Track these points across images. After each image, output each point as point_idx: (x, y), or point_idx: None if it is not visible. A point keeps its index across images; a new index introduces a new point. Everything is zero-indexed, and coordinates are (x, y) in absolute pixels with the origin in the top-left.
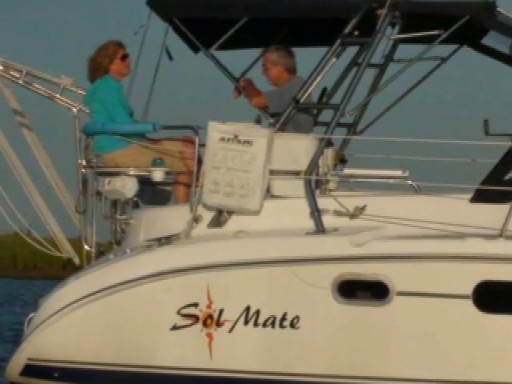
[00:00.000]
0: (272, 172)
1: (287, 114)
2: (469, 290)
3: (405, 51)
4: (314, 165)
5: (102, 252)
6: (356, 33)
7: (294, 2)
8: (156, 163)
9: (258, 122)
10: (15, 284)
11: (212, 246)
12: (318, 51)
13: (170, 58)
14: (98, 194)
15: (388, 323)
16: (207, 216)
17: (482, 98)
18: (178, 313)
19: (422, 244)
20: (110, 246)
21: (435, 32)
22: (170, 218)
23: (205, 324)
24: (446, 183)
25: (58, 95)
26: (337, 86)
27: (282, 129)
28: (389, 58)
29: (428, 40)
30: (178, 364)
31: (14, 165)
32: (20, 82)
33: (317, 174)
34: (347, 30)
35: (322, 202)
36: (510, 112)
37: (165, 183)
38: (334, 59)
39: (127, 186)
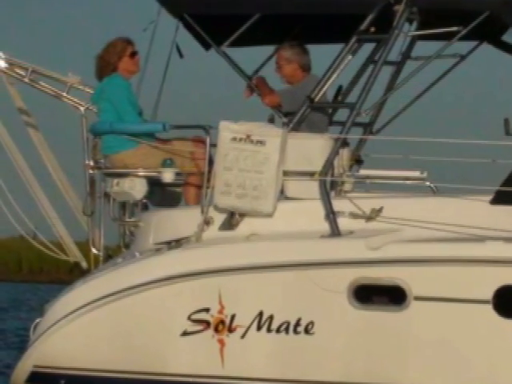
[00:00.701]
0: (286, 173)
1: (301, 113)
2: (489, 294)
3: (423, 48)
4: (329, 165)
5: (110, 255)
6: (372, 29)
7: None
8: (166, 164)
9: (271, 121)
10: (20, 288)
11: (224, 249)
12: (333, 48)
13: (181, 55)
14: (106, 195)
15: (405, 329)
16: (219, 218)
17: (502, 96)
18: (189, 318)
19: (441, 247)
20: (119, 250)
21: (454, 28)
22: (181, 220)
23: (216, 330)
24: (465, 184)
25: (64, 94)
26: (352, 84)
27: (296, 128)
28: (406, 56)
29: (446, 37)
30: (188, 371)
31: (19, 165)
32: (26, 80)
33: (332, 175)
34: (363, 27)
35: (338, 204)
36: None
37: (175, 184)
38: (349, 56)
39: (136, 188)
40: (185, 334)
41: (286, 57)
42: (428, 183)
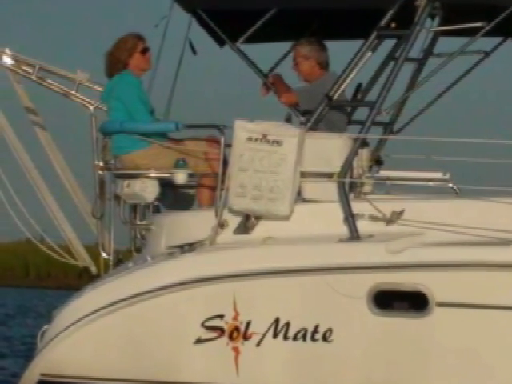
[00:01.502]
0: (303, 174)
1: (319, 111)
2: None
3: (445, 44)
4: (347, 166)
5: (121, 260)
6: (393, 25)
7: None
8: (179, 164)
9: (288, 120)
10: (27, 294)
11: (238, 253)
12: (353, 45)
13: (194, 51)
14: (117, 197)
15: (427, 336)
16: (233, 221)
17: None
18: (203, 325)
19: (464, 251)
20: (129, 254)
21: (478, 24)
22: (194, 223)
23: (231, 337)
24: (489, 186)
25: (73, 92)
26: (372, 82)
27: (314, 128)
28: (428, 52)
29: (470, 32)
30: (202, 380)
31: (26, 166)
32: (33, 77)
33: (351, 177)
34: (384, 22)
35: (357, 207)
36: None
37: (188, 186)
38: (369, 53)
39: (148, 189)
40: (198, 341)
41: (303, 53)
42: (451, 185)
